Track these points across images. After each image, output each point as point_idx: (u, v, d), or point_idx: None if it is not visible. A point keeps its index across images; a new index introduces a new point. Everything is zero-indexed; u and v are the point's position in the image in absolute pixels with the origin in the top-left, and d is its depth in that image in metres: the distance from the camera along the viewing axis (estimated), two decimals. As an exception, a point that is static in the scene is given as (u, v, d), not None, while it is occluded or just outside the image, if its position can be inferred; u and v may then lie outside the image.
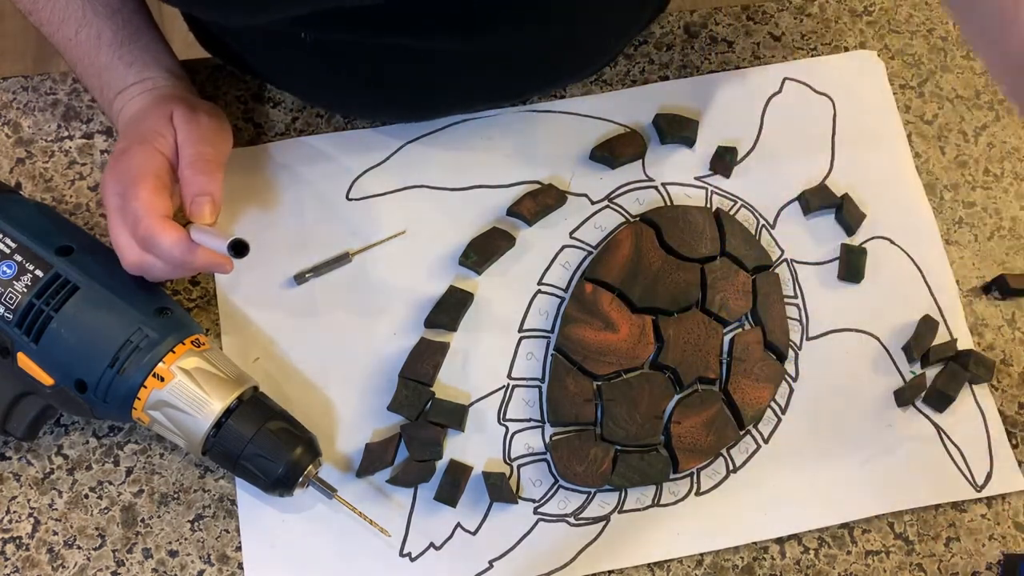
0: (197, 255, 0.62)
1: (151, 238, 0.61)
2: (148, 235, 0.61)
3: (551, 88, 0.77)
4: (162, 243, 0.61)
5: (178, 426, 0.62)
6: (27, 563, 0.65)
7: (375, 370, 0.70)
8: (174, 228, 0.61)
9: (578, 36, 0.71)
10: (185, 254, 0.61)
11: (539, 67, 0.73)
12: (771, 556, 0.68)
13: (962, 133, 0.80)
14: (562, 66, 0.74)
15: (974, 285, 0.75)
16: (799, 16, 0.82)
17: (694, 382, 0.69)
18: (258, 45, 0.71)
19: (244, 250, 0.59)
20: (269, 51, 0.71)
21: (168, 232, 0.61)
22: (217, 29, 0.73)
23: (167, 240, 0.61)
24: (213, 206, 0.63)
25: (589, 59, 0.75)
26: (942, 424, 0.71)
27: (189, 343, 0.63)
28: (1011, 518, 0.70)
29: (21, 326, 0.62)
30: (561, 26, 0.69)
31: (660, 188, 0.76)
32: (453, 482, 0.66)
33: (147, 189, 0.62)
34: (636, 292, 0.70)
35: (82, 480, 0.67)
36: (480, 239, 0.73)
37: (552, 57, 0.72)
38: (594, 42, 0.73)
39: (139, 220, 0.61)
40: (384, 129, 0.76)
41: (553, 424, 0.69)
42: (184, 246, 0.61)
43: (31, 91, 0.76)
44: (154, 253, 0.62)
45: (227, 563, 0.65)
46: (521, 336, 0.71)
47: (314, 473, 0.63)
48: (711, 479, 0.68)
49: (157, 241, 0.61)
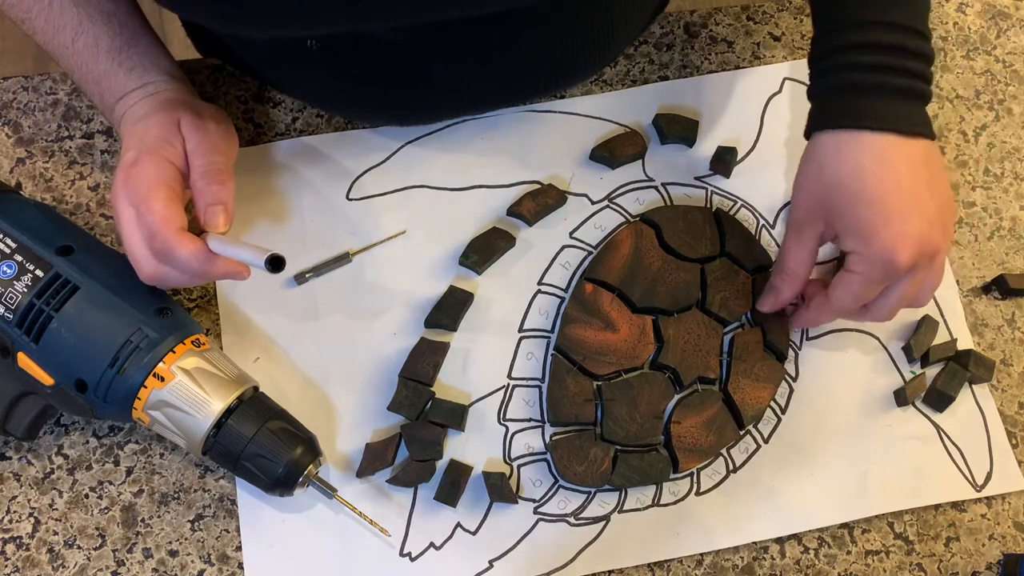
0: (216, 265, 0.62)
1: (169, 251, 0.61)
2: (166, 248, 0.61)
3: (555, 90, 0.77)
4: (180, 256, 0.60)
5: (178, 426, 0.62)
6: (27, 563, 0.65)
7: (375, 370, 0.70)
8: (191, 240, 0.61)
9: (580, 37, 0.71)
10: (204, 265, 0.61)
11: (543, 69, 0.73)
12: (771, 556, 0.68)
13: (962, 133, 0.80)
14: (565, 67, 0.74)
15: (974, 285, 0.75)
16: (799, 16, 0.82)
17: (694, 382, 0.69)
18: (262, 52, 0.71)
19: (281, 265, 0.58)
20: (274, 58, 0.71)
21: (186, 244, 0.61)
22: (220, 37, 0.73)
23: (185, 252, 0.60)
24: (227, 215, 0.63)
25: (591, 61, 0.75)
26: (942, 424, 0.71)
27: (189, 343, 0.63)
28: (1011, 518, 0.70)
29: (21, 326, 0.62)
30: (566, 27, 0.69)
31: (660, 188, 0.76)
32: (453, 482, 0.66)
33: (160, 201, 0.61)
34: (636, 292, 0.70)
35: (82, 480, 0.67)
36: (480, 239, 0.73)
37: (556, 59, 0.72)
38: (596, 43, 0.73)
39: (155, 234, 0.61)
40: (384, 129, 0.76)
41: (553, 424, 0.69)
42: (203, 257, 0.61)
43: (31, 91, 0.77)
44: (172, 265, 0.61)
45: (227, 563, 0.66)
46: (521, 336, 0.71)
47: (314, 473, 0.63)
48: (711, 479, 0.68)
49: (176, 254, 0.60)
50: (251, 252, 0.59)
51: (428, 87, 0.71)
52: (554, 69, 0.73)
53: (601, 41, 0.73)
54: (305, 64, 0.69)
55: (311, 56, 0.67)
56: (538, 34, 0.69)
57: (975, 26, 0.83)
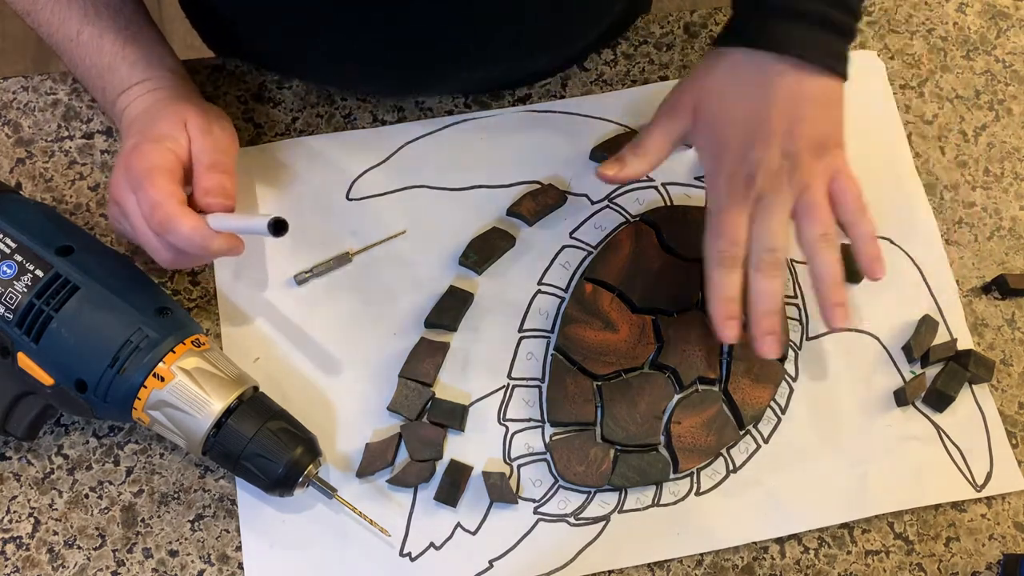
0: (216, 241, 0.62)
1: (169, 225, 0.61)
2: (166, 221, 0.61)
3: (559, 55, 0.77)
4: (182, 230, 0.61)
5: (178, 426, 0.62)
6: (27, 563, 0.65)
7: (375, 370, 0.70)
8: (192, 214, 0.62)
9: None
10: (205, 239, 0.61)
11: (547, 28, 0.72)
12: (771, 556, 0.68)
13: (962, 133, 0.80)
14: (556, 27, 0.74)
15: (974, 285, 0.75)
16: (799, 16, 0.82)
17: (694, 382, 0.69)
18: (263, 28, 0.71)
19: (284, 228, 0.59)
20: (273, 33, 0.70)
21: (187, 217, 0.61)
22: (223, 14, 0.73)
23: (186, 227, 0.61)
24: (228, 200, 0.64)
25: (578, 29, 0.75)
26: (942, 424, 0.71)
27: (189, 343, 0.63)
28: (1011, 518, 0.70)
29: (21, 326, 0.62)
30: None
31: (660, 188, 0.76)
32: (453, 482, 0.66)
33: (163, 177, 0.62)
34: (636, 292, 0.70)
35: (82, 480, 0.67)
36: (480, 239, 0.73)
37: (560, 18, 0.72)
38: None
39: (156, 207, 0.61)
40: (384, 129, 0.76)
41: (553, 424, 0.69)
42: (204, 231, 0.61)
43: (31, 91, 0.76)
44: (171, 240, 0.62)
45: (227, 563, 0.66)
46: (521, 336, 0.71)
47: (314, 473, 0.63)
48: (711, 479, 0.68)
49: (176, 226, 0.61)
50: (253, 220, 0.60)
51: (430, 49, 0.70)
52: (557, 29, 0.73)
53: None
54: (316, 33, 0.68)
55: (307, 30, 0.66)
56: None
57: (975, 26, 0.83)
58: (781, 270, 0.62)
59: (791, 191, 0.62)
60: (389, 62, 0.70)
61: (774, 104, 0.61)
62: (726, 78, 0.62)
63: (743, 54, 0.62)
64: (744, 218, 0.62)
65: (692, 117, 0.64)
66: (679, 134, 0.65)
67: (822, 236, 0.62)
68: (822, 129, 0.62)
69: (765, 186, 0.61)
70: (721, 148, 0.62)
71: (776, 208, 0.62)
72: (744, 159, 0.61)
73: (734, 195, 0.62)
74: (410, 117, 0.77)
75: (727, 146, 0.62)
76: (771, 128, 0.61)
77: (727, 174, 0.62)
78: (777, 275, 0.62)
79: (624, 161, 0.66)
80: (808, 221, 0.62)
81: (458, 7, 0.65)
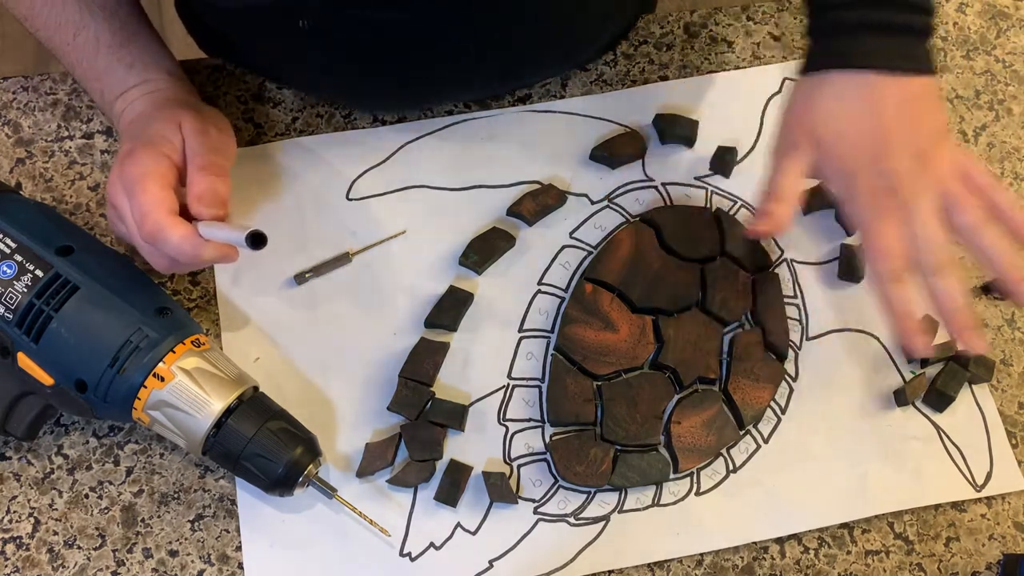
0: (207, 249, 0.62)
1: (159, 234, 0.61)
2: (156, 230, 0.61)
3: (546, 74, 0.77)
4: (171, 239, 0.61)
5: (178, 426, 0.62)
6: (27, 563, 0.65)
7: (375, 370, 0.70)
8: (182, 223, 0.61)
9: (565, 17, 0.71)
10: (196, 248, 0.61)
11: (532, 47, 0.72)
12: (771, 556, 0.68)
13: (962, 133, 0.80)
14: (555, 48, 0.74)
15: (974, 285, 0.75)
16: (799, 16, 0.82)
17: (694, 382, 0.69)
18: (257, 37, 0.71)
19: (261, 242, 0.59)
20: (268, 42, 0.71)
21: (177, 227, 0.61)
22: (217, 23, 0.73)
23: (176, 236, 0.61)
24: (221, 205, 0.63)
25: (580, 42, 0.75)
26: (942, 424, 0.71)
27: (189, 343, 0.63)
28: (1011, 518, 0.70)
29: (21, 326, 0.62)
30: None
31: (660, 188, 0.76)
32: (453, 482, 0.66)
33: (154, 183, 0.62)
34: (636, 292, 0.70)
35: (82, 480, 0.67)
36: (480, 239, 0.73)
37: (548, 37, 0.72)
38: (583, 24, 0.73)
39: (145, 216, 0.61)
40: (384, 129, 0.76)
41: (553, 424, 0.69)
42: (194, 240, 0.61)
43: (31, 91, 0.77)
44: (162, 248, 0.62)
45: (227, 563, 0.66)
46: (521, 336, 0.71)
47: (314, 473, 0.63)
48: (711, 479, 0.68)
49: (166, 236, 0.61)
50: (233, 232, 0.60)
51: (424, 63, 0.70)
52: (547, 48, 0.73)
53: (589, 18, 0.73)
54: (299, 46, 0.68)
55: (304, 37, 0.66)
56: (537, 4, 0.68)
57: (975, 26, 0.83)
58: (954, 266, 0.62)
59: (932, 187, 0.62)
60: (389, 63, 0.70)
61: (887, 115, 0.62)
62: (834, 103, 0.63)
63: (838, 75, 0.63)
64: (896, 230, 0.62)
65: (813, 147, 0.64)
66: (807, 167, 0.65)
67: (976, 220, 0.63)
68: (934, 123, 0.63)
69: (907, 192, 0.62)
70: (851, 170, 0.62)
71: (925, 208, 0.62)
72: (879, 174, 0.62)
73: (879, 210, 0.62)
74: (410, 117, 0.77)
75: (858, 166, 0.62)
76: (893, 137, 0.62)
77: (866, 193, 0.62)
78: (952, 272, 0.62)
79: (769, 212, 0.65)
80: (957, 212, 0.63)
81: (458, 7, 0.65)
